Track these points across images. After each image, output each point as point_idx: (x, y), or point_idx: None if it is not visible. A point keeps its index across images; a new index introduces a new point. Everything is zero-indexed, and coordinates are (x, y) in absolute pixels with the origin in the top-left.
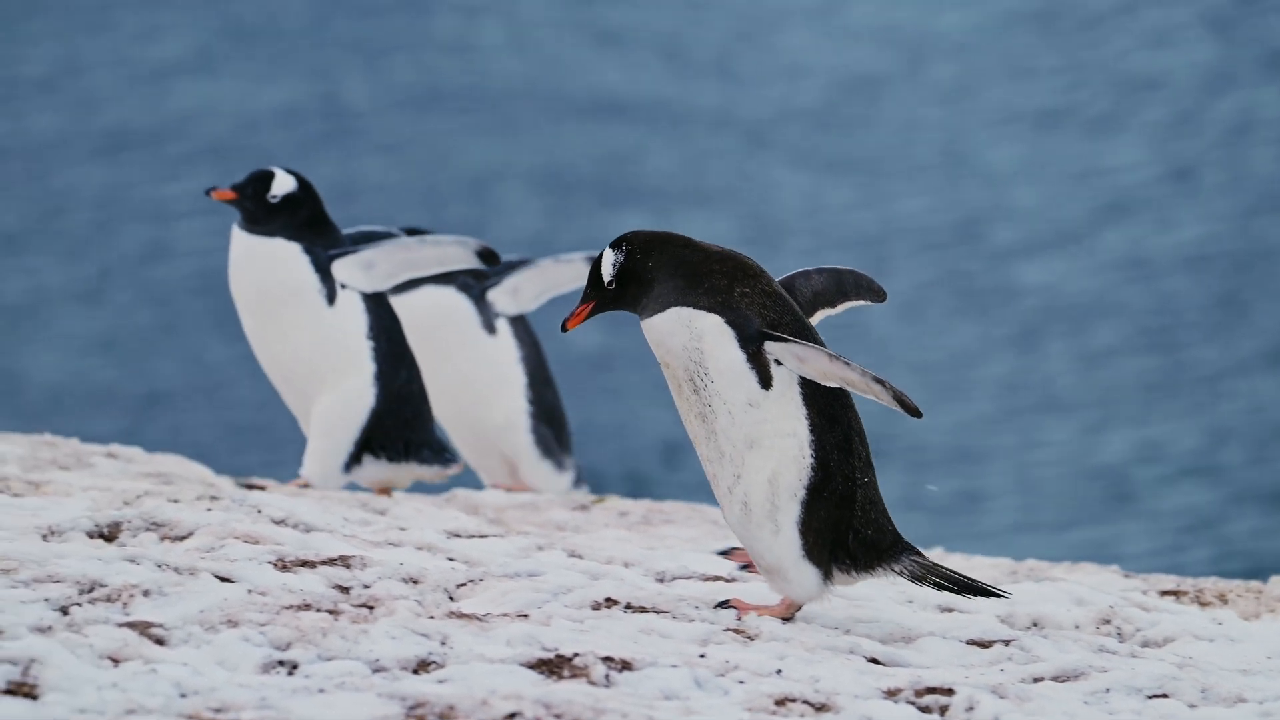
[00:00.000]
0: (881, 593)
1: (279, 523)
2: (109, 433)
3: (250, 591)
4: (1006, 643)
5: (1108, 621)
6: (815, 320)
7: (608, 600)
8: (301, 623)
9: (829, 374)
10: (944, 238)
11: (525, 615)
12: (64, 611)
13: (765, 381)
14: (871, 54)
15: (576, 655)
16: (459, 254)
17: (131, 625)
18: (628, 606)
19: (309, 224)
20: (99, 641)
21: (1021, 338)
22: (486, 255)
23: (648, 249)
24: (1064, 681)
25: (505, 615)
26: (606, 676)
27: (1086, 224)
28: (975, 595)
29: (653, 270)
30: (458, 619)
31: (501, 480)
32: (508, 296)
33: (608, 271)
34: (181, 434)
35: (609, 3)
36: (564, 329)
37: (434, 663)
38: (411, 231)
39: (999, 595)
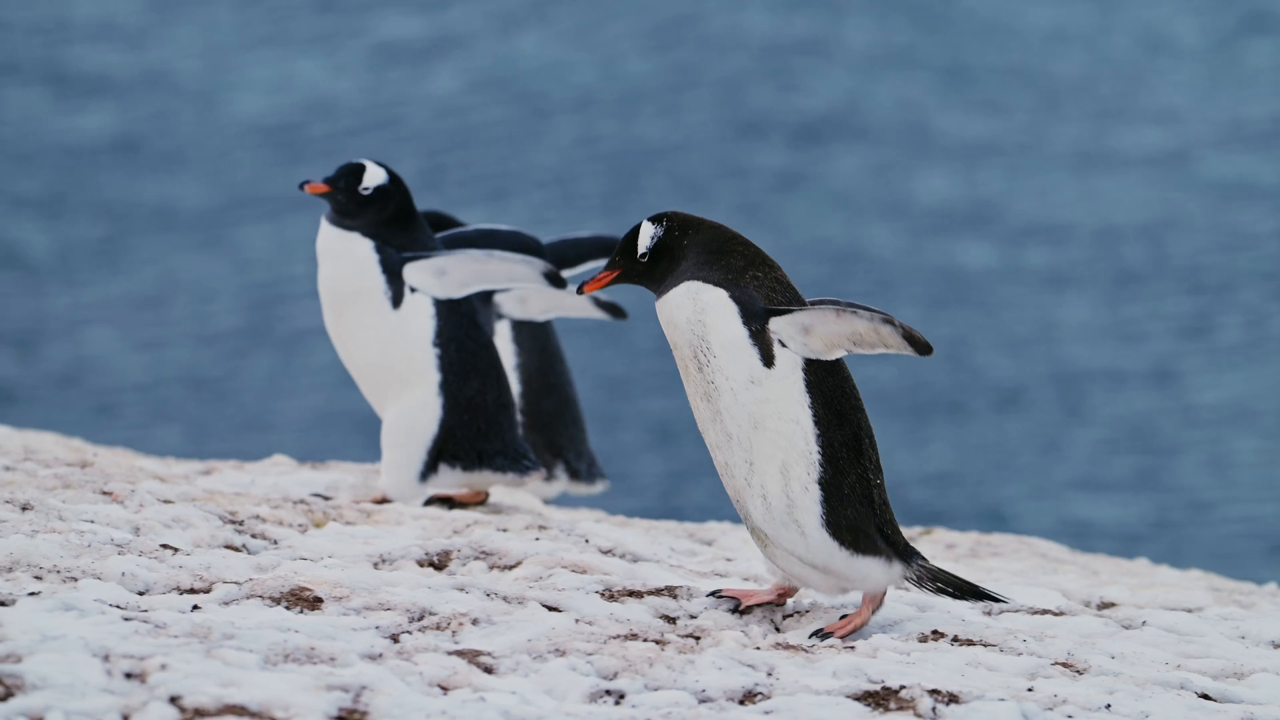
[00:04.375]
0: (1213, 627)
1: (606, 552)
2: None
3: (578, 621)
4: None
5: None
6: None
7: (934, 632)
8: (628, 652)
9: (837, 334)
10: None
11: (851, 647)
12: (394, 639)
13: (768, 359)
14: None
15: (903, 687)
16: (526, 273)
17: (461, 653)
18: (955, 639)
19: (396, 218)
20: (429, 669)
21: None
22: (552, 277)
23: (686, 228)
24: None
25: (831, 647)
26: (933, 709)
27: None
28: (975, 599)
29: (686, 248)
30: (784, 650)
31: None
32: (514, 301)
33: (644, 243)
34: None
35: None
36: (580, 292)
37: (760, 694)
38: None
39: (998, 600)
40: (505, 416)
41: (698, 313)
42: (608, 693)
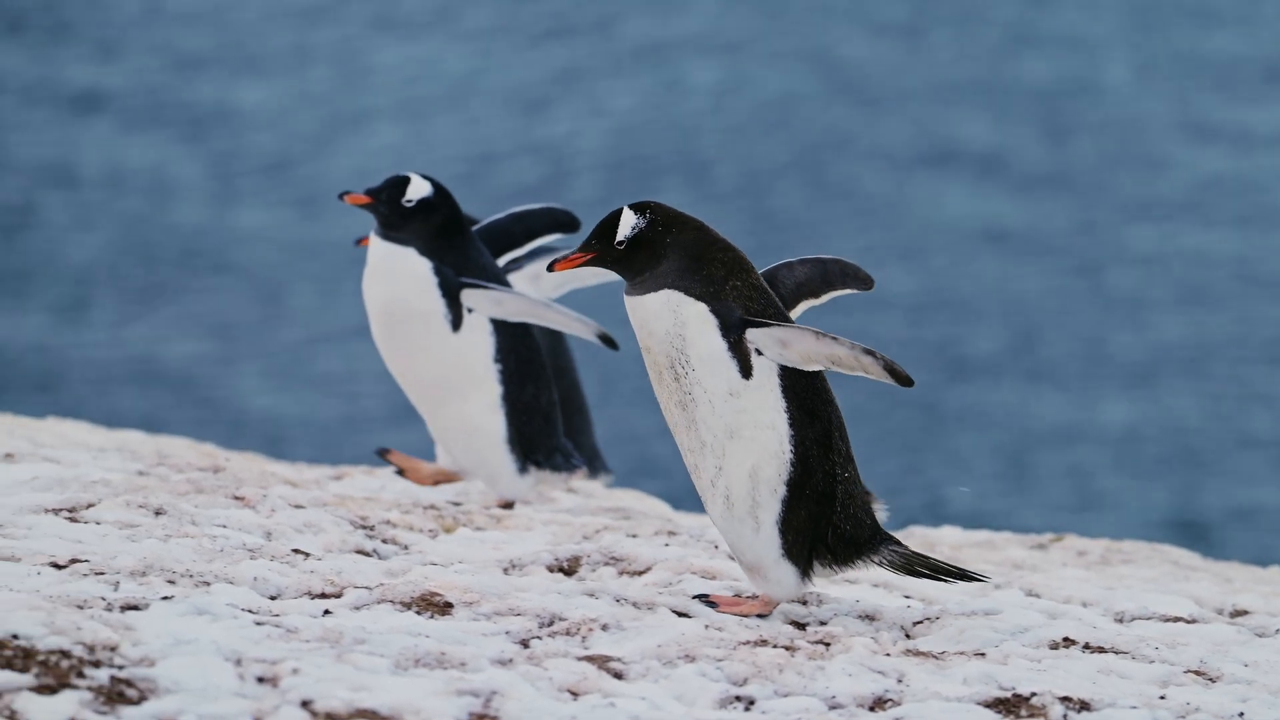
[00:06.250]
0: None
1: (735, 558)
2: None
3: (707, 627)
4: None
5: None
6: (798, 312)
7: (1066, 640)
8: (758, 658)
9: (815, 354)
10: None
11: (982, 654)
12: (524, 644)
13: (745, 371)
14: None
15: (1034, 694)
16: (580, 329)
17: (590, 659)
18: (1086, 646)
19: (443, 231)
20: (558, 675)
21: None
22: (605, 339)
23: (669, 224)
24: None
25: (962, 653)
26: (1064, 717)
27: None
28: (955, 580)
29: (668, 247)
30: (914, 657)
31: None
32: (527, 281)
33: (624, 231)
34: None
35: None
36: (550, 270)
37: (890, 700)
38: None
39: (979, 579)
40: (556, 415)
41: (678, 326)
42: (737, 699)
